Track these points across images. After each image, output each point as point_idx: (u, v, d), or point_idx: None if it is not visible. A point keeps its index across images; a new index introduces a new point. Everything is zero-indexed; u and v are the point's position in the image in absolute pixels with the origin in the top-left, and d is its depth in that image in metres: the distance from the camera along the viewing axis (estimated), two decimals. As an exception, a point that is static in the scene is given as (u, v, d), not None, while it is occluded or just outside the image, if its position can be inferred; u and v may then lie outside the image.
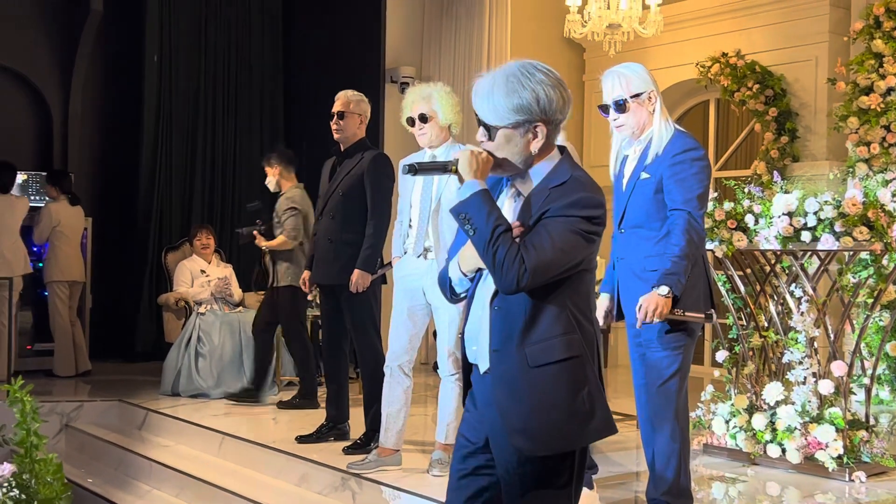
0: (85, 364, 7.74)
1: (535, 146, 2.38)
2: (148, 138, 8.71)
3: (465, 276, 2.45)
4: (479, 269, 2.43)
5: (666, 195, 3.51)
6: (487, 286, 2.41)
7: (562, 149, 2.45)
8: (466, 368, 2.53)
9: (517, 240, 2.30)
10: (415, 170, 2.39)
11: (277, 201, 6.42)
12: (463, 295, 2.51)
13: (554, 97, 2.36)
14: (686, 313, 3.47)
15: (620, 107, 3.61)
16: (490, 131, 2.37)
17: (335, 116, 5.01)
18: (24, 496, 1.91)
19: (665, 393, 3.54)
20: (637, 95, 3.59)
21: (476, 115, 2.39)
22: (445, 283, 2.51)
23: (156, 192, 8.73)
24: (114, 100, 8.96)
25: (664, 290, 3.41)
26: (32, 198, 7.97)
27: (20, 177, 7.88)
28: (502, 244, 2.26)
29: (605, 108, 3.68)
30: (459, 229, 2.45)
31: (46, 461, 2.06)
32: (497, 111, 2.35)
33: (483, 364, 2.42)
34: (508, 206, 2.44)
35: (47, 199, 7.77)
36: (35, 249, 7.69)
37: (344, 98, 5.04)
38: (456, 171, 2.34)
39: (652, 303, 3.41)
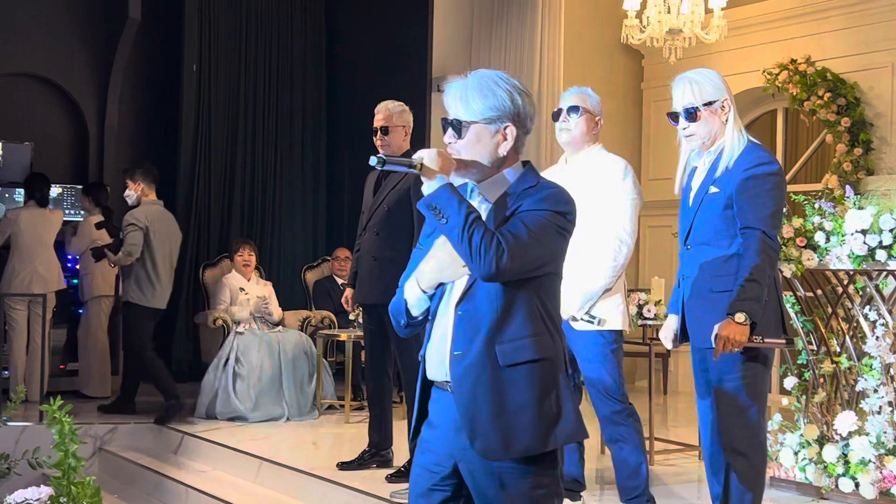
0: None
1: (504, 148, 2.50)
2: (185, 150, 8.85)
3: (425, 293, 2.51)
4: (441, 285, 2.50)
5: (737, 212, 3.43)
6: (452, 297, 2.48)
7: (525, 162, 2.56)
8: (423, 395, 2.57)
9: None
10: (383, 161, 2.47)
11: (125, 216, 6.96)
12: (419, 319, 2.56)
13: (525, 104, 2.51)
14: (766, 339, 3.41)
15: (691, 115, 3.55)
16: (461, 129, 2.48)
17: (378, 132, 5.05)
18: (60, 520, 1.96)
19: (740, 428, 3.47)
20: (710, 103, 3.54)
21: (444, 118, 2.52)
22: (401, 310, 2.56)
23: (193, 207, 8.86)
24: (151, 110, 9.13)
25: (741, 317, 3.32)
26: (67, 211, 8.14)
27: (55, 190, 8.06)
28: (477, 229, 2.34)
29: (674, 116, 3.63)
30: (414, 255, 2.58)
31: (84, 484, 2.11)
32: (470, 108, 2.48)
33: (446, 374, 2.45)
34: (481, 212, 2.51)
35: (83, 212, 7.93)
36: (69, 265, 7.83)
37: (385, 111, 5.06)
38: (422, 168, 2.42)
39: (729, 332, 3.32)
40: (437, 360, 2.50)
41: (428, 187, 2.41)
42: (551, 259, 2.45)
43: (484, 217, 2.47)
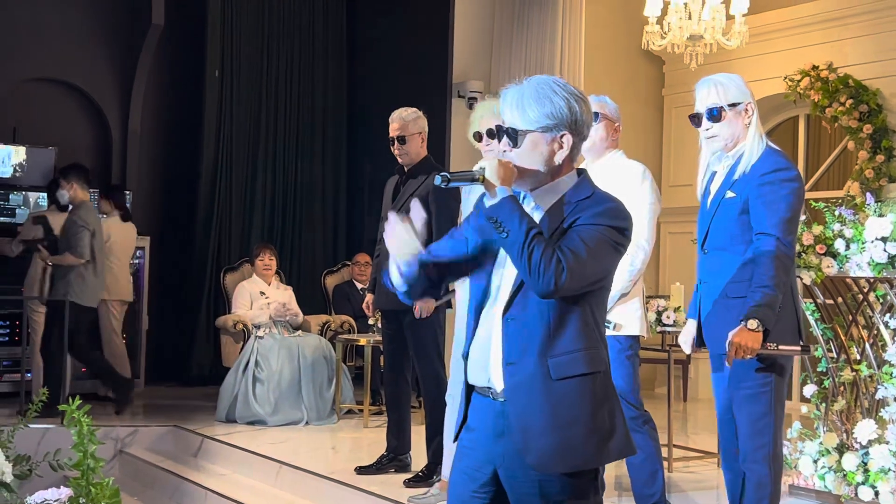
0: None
1: (560, 156, 2.47)
2: (207, 155, 8.91)
3: (400, 267, 2.49)
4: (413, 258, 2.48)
5: (752, 217, 3.43)
6: (497, 302, 2.46)
7: (580, 171, 2.54)
8: (467, 397, 2.56)
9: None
10: (447, 179, 2.45)
11: (67, 217, 7.10)
12: (414, 283, 2.52)
13: (583, 111, 2.47)
14: (780, 347, 3.39)
15: (715, 116, 3.54)
16: (517, 137, 2.46)
17: (395, 142, 5.06)
18: (79, 521, 1.99)
19: (756, 436, 3.46)
20: (734, 105, 3.53)
21: (500, 125, 2.50)
22: (398, 286, 2.55)
23: (215, 211, 8.92)
24: (174, 116, 9.20)
25: (753, 323, 3.30)
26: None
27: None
28: (537, 246, 2.32)
29: (696, 118, 3.61)
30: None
31: (103, 485, 2.14)
32: (527, 116, 2.45)
33: (497, 383, 2.44)
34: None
35: (103, 215, 8.01)
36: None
37: (400, 120, 5.07)
38: (484, 181, 2.41)
39: (741, 339, 3.31)
40: (480, 365, 2.49)
41: (489, 199, 2.40)
42: (606, 274, 2.44)
43: (541, 223, 2.45)
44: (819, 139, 8.44)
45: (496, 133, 2.55)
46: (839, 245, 4.47)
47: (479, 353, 2.50)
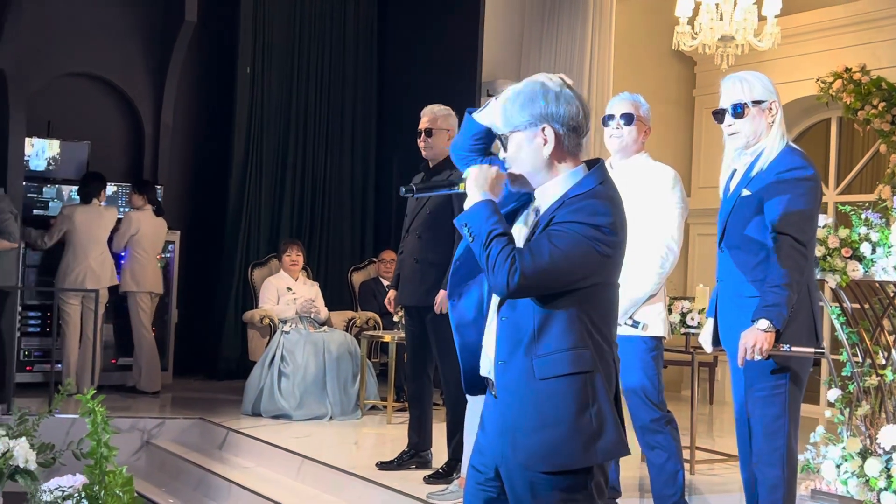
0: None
1: (546, 151, 2.45)
2: (238, 151, 8.97)
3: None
4: None
5: (767, 216, 3.39)
6: (494, 298, 2.49)
7: (594, 161, 2.50)
8: (480, 385, 2.61)
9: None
10: (412, 191, 2.46)
11: None
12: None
13: (561, 100, 2.44)
14: (794, 349, 3.36)
15: (738, 112, 3.51)
16: (503, 141, 2.49)
17: (423, 134, 5.09)
18: (92, 507, 2.03)
19: (769, 437, 3.44)
20: (759, 102, 3.50)
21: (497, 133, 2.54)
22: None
23: (244, 206, 8.98)
24: (205, 111, 9.28)
25: (763, 323, 3.28)
26: (122, 209, 8.31)
27: (110, 188, 8.22)
28: (495, 244, 2.33)
29: (719, 114, 3.58)
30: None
31: (116, 473, 2.17)
32: (506, 117, 2.47)
33: (492, 377, 2.49)
34: (529, 222, 2.51)
35: (131, 207, 8.10)
36: (121, 261, 8.00)
37: (430, 114, 5.11)
38: (464, 188, 2.42)
39: (751, 339, 3.29)
40: (486, 357, 2.54)
41: (466, 205, 2.42)
42: (588, 273, 2.38)
43: (531, 225, 2.46)
44: (851, 142, 8.37)
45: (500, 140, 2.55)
46: (865, 249, 4.42)
47: (487, 344, 2.54)
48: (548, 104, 2.43)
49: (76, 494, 2.10)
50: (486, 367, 2.54)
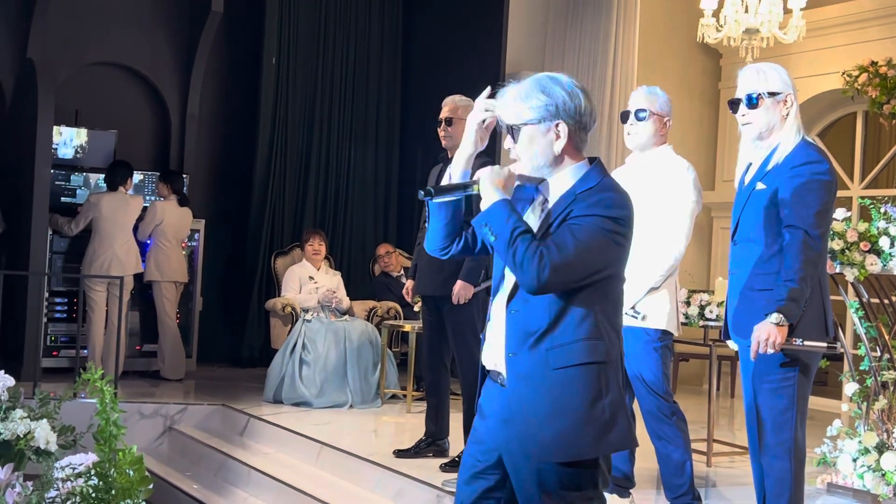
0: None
1: (558, 146, 2.49)
2: (263, 141, 9.04)
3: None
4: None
5: (781, 210, 3.39)
6: (504, 290, 2.51)
7: (593, 159, 2.54)
8: (483, 377, 2.62)
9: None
10: (430, 194, 2.49)
11: None
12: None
13: (574, 97, 2.49)
14: (806, 343, 3.37)
15: (753, 103, 3.51)
16: (514, 133, 2.50)
17: (443, 123, 5.12)
18: (102, 484, 2.08)
19: (777, 430, 3.45)
20: (774, 94, 3.50)
21: (502, 123, 2.54)
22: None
23: (269, 196, 9.04)
24: (231, 102, 9.35)
25: (776, 317, 3.29)
26: (148, 198, 8.40)
27: (137, 176, 8.31)
28: (521, 242, 2.36)
29: (734, 104, 3.58)
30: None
31: (126, 451, 2.22)
32: (518, 110, 2.49)
33: (504, 370, 2.49)
34: (536, 215, 2.53)
35: (157, 196, 8.18)
36: (146, 249, 8.09)
37: (451, 104, 5.14)
38: (478, 190, 2.45)
39: (763, 333, 3.30)
40: (492, 350, 2.55)
41: (483, 206, 2.45)
42: (606, 265, 2.43)
43: (541, 218, 2.49)
44: (879, 136, 8.30)
45: (506, 131, 2.57)
46: (884, 243, 4.41)
47: (494, 339, 2.55)
48: (563, 101, 2.48)
49: (87, 473, 2.16)
50: (492, 360, 2.56)
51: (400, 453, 5.29)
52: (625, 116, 4.26)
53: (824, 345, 3.40)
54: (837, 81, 7.74)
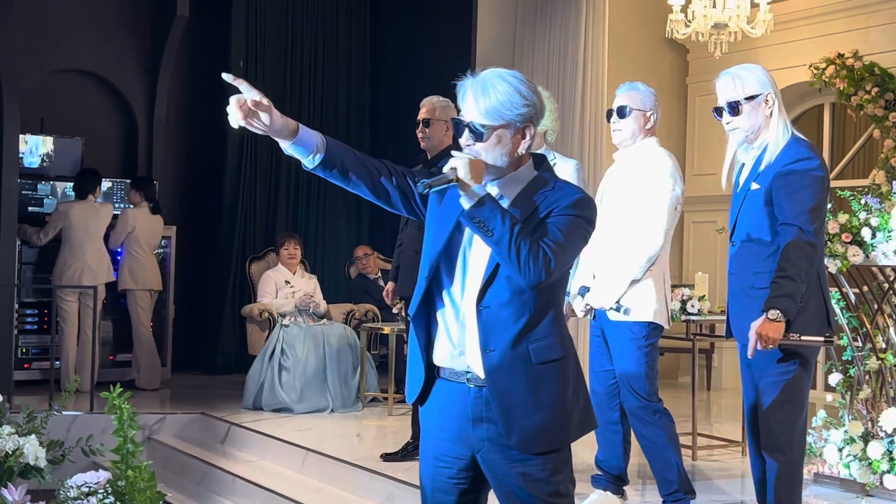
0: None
1: (523, 147, 2.53)
2: (232, 145, 8.97)
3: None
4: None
5: (776, 208, 3.43)
6: (466, 291, 2.49)
7: (534, 156, 2.60)
8: (428, 382, 2.58)
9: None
10: (428, 187, 2.45)
11: None
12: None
13: (542, 102, 2.54)
14: (802, 337, 3.39)
15: (734, 109, 3.56)
16: (481, 133, 2.47)
17: (420, 124, 5.11)
18: (118, 503, 2.04)
19: (778, 424, 3.48)
20: (752, 98, 3.53)
21: (459, 119, 2.50)
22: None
23: (240, 201, 8.98)
24: (199, 106, 9.25)
25: (773, 314, 3.31)
26: (117, 205, 8.29)
27: (105, 184, 8.20)
28: (523, 241, 2.38)
29: (718, 111, 3.64)
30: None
31: (141, 469, 2.19)
32: (490, 111, 2.47)
33: (477, 369, 2.48)
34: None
35: (127, 204, 8.08)
36: (118, 257, 7.99)
37: (429, 105, 5.13)
38: (458, 181, 2.42)
39: (762, 329, 3.32)
40: (454, 350, 2.52)
41: (467, 200, 2.41)
42: (573, 262, 2.61)
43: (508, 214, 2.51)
44: (844, 127, 8.40)
45: (455, 127, 2.53)
46: (865, 233, 4.46)
47: (457, 341, 2.51)
48: (533, 105, 2.51)
49: (101, 491, 2.12)
50: (458, 361, 2.52)
51: (387, 457, 5.26)
52: (608, 115, 4.28)
53: (821, 339, 3.43)
54: (805, 74, 7.82)
